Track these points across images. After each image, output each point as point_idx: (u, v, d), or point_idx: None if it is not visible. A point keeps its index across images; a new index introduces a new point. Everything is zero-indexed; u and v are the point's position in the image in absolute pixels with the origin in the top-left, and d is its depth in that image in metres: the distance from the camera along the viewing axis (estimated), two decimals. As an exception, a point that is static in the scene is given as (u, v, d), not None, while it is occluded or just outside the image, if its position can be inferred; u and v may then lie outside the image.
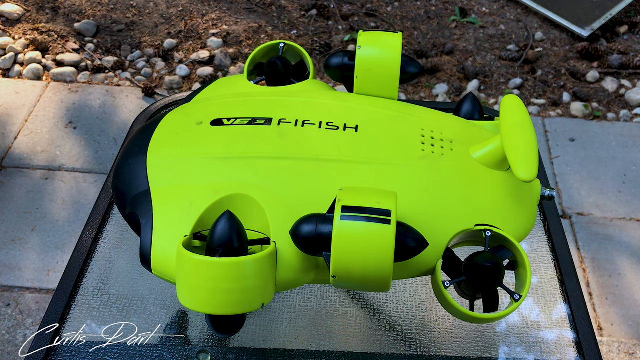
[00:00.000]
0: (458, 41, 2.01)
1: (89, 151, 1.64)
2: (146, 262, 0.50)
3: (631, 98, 1.83)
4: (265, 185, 0.51)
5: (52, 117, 1.73)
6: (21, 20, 2.02)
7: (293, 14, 2.09)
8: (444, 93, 1.82)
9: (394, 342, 0.58)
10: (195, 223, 0.49)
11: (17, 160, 1.61)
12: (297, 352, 0.57)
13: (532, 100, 1.83)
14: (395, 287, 0.63)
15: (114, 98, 1.80)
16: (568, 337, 0.59)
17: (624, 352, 1.28)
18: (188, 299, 0.46)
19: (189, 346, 0.57)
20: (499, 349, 0.58)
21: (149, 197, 0.52)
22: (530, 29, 2.06)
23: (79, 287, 0.62)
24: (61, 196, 1.53)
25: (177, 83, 1.85)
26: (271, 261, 0.47)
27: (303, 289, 0.62)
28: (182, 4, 2.12)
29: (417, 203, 0.51)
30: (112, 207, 0.69)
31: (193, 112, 0.59)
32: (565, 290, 0.62)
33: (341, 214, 0.44)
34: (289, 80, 0.65)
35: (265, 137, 0.54)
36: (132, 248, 0.65)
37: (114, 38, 1.99)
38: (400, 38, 0.60)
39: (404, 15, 2.11)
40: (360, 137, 0.54)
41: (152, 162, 0.54)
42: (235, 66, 1.90)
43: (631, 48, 2.00)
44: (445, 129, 0.57)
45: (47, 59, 1.90)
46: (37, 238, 1.43)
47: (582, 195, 1.58)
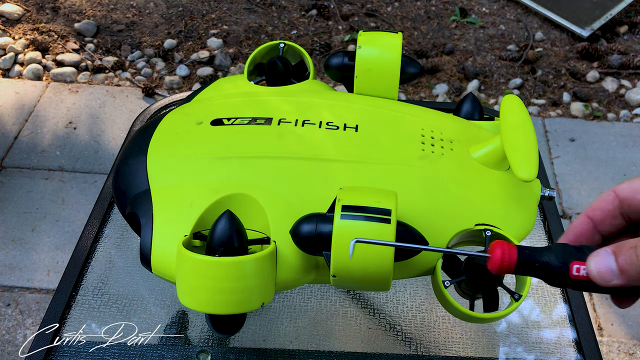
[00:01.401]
0: (458, 41, 2.01)
1: (89, 151, 1.64)
2: (146, 262, 0.50)
3: (631, 98, 1.83)
4: (265, 184, 0.51)
5: (52, 117, 1.73)
6: (21, 20, 2.02)
7: (293, 14, 2.09)
8: (444, 93, 1.82)
9: (394, 342, 0.58)
10: (195, 223, 0.49)
11: (17, 160, 1.61)
12: (297, 352, 0.57)
13: (532, 100, 1.83)
14: (395, 287, 0.63)
15: (114, 98, 1.80)
16: (568, 337, 0.59)
17: (624, 352, 1.28)
18: (188, 299, 0.46)
19: (189, 346, 0.57)
20: (499, 349, 0.58)
21: (149, 197, 0.52)
22: (530, 29, 2.06)
23: (79, 287, 0.62)
24: (61, 196, 1.53)
25: (177, 83, 1.85)
26: (271, 261, 0.47)
27: (303, 289, 0.62)
28: (182, 4, 2.12)
29: (417, 202, 0.51)
30: (112, 207, 0.69)
31: (193, 112, 0.59)
32: (565, 290, 0.62)
33: (341, 214, 0.44)
34: (289, 80, 0.65)
35: (265, 136, 0.54)
36: (132, 248, 0.65)
37: (114, 38, 1.99)
38: (400, 38, 0.60)
39: (404, 15, 2.11)
40: (360, 136, 0.55)
41: (152, 162, 0.54)
42: (235, 66, 1.91)
43: (631, 48, 2.00)
44: (445, 129, 0.57)
45: (47, 59, 1.90)
46: (37, 238, 1.43)
47: (582, 195, 1.58)
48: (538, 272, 0.32)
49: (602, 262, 0.30)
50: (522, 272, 0.33)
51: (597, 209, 0.35)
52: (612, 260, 0.30)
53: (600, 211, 0.34)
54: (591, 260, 0.31)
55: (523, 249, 0.33)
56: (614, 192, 0.34)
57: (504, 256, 0.32)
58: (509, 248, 0.33)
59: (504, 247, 0.33)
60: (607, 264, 0.30)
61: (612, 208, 0.34)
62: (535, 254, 0.32)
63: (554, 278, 0.32)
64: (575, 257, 0.32)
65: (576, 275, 0.31)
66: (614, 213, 0.34)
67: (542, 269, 0.32)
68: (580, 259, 0.32)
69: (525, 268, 0.32)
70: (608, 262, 0.30)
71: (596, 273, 0.31)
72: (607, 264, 0.30)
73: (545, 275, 0.32)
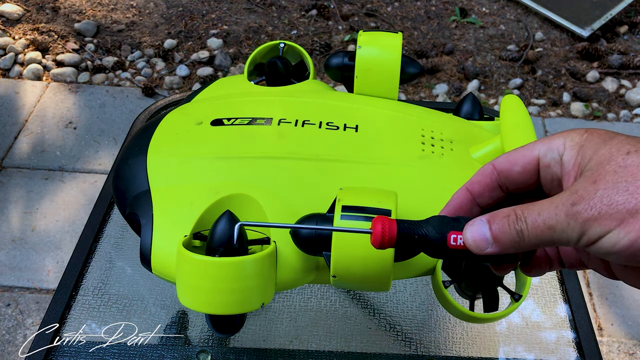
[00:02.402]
0: (458, 41, 2.01)
1: (89, 151, 1.64)
2: (146, 262, 0.50)
3: (631, 98, 1.83)
4: (265, 185, 0.51)
5: (52, 117, 1.73)
6: (21, 20, 2.02)
7: (293, 14, 2.09)
8: (444, 93, 1.82)
9: (394, 342, 0.58)
10: (195, 223, 0.49)
11: (17, 160, 1.61)
12: (297, 352, 0.57)
13: (532, 100, 1.83)
14: (395, 287, 0.63)
15: (114, 98, 1.80)
16: (568, 337, 0.59)
17: (624, 352, 1.28)
18: (188, 299, 0.46)
19: (189, 346, 0.57)
20: (499, 349, 0.58)
21: (149, 197, 0.52)
22: (530, 29, 2.06)
23: (79, 287, 0.62)
24: (61, 196, 1.53)
25: (177, 83, 1.85)
26: (271, 261, 0.47)
27: (303, 289, 0.62)
28: (182, 4, 2.12)
29: (417, 203, 0.51)
30: (112, 207, 0.69)
31: (193, 112, 0.59)
32: (565, 290, 0.62)
33: (341, 214, 0.44)
34: (289, 80, 0.65)
35: (265, 137, 0.54)
36: (132, 248, 0.65)
37: (114, 38, 1.99)
38: (400, 38, 0.60)
39: (404, 15, 2.11)
40: (360, 137, 0.55)
41: (152, 162, 0.54)
42: (235, 66, 1.91)
43: (631, 48, 2.00)
44: (445, 129, 0.57)
45: (47, 59, 1.90)
46: (37, 238, 1.43)
47: (582, 195, 1.57)
48: (418, 244, 0.33)
49: (477, 231, 0.31)
50: (403, 245, 0.34)
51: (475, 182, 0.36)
52: (486, 228, 0.31)
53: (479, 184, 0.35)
54: (467, 229, 0.32)
55: (403, 222, 0.34)
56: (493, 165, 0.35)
57: (384, 230, 0.33)
58: (389, 222, 0.33)
59: (384, 221, 0.33)
60: (482, 232, 0.31)
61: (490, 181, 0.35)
62: (414, 226, 0.33)
63: (433, 249, 0.33)
64: (453, 227, 0.33)
65: (454, 245, 0.32)
66: (492, 185, 0.35)
67: (422, 241, 0.33)
68: (458, 229, 0.32)
69: (405, 241, 0.33)
70: (483, 230, 0.31)
71: (472, 241, 0.31)
72: (481, 232, 0.31)
73: (425, 246, 0.33)
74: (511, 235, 0.30)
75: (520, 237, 0.30)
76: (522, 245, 0.30)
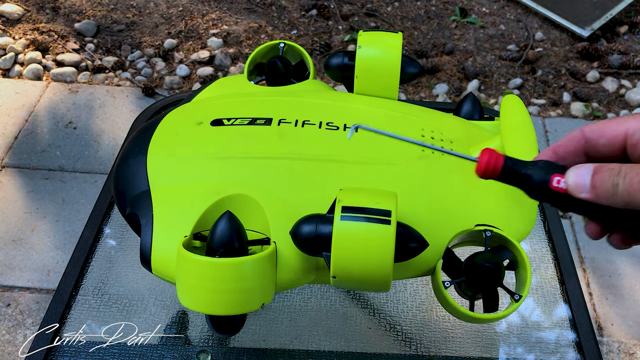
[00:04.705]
0: (458, 41, 2.01)
1: (89, 151, 1.64)
2: (146, 262, 0.50)
3: (631, 98, 1.83)
4: (265, 185, 0.51)
5: (52, 117, 1.73)
6: (21, 20, 2.02)
7: (293, 14, 2.09)
8: (444, 93, 1.82)
9: (394, 342, 0.58)
10: (195, 223, 0.49)
11: (17, 160, 1.61)
12: (297, 352, 0.57)
13: (532, 100, 1.83)
14: (395, 287, 0.63)
15: (114, 98, 1.80)
16: (568, 337, 0.59)
17: (624, 352, 1.28)
18: (188, 299, 0.46)
19: (189, 346, 0.57)
20: (499, 349, 0.58)
21: (149, 197, 0.52)
22: (530, 29, 2.06)
23: (79, 287, 0.62)
24: (61, 196, 1.53)
25: (177, 83, 1.85)
26: (271, 261, 0.47)
27: (303, 289, 0.62)
28: (182, 4, 2.12)
29: (417, 203, 0.51)
30: (112, 207, 0.69)
31: (193, 112, 0.59)
32: (565, 290, 0.62)
33: (341, 214, 0.44)
34: (289, 80, 0.65)
35: (266, 137, 0.54)
36: (132, 248, 0.65)
37: (114, 38, 1.99)
38: (400, 38, 0.60)
39: (404, 15, 2.11)
40: (360, 137, 0.55)
41: (152, 162, 0.54)
42: (235, 66, 1.90)
43: (631, 48, 2.00)
44: (445, 129, 0.57)
45: (47, 59, 1.90)
46: (37, 238, 1.43)
47: (582, 195, 1.57)
48: (520, 181, 0.34)
49: (581, 174, 0.32)
50: (505, 179, 0.35)
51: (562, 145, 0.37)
52: (589, 174, 0.32)
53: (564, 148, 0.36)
54: (572, 170, 0.33)
55: (510, 158, 0.35)
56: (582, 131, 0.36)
57: (489, 160, 0.34)
58: (496, 155, 0.34)
59: (491, 153, 0.34)
60: (584, 176, 0.32)
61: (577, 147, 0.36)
62: (520, 165, 0.34)
63: (531, 189, 0.34)
64: (558, 170, 0.34)
65: (555, 187, 0.33)
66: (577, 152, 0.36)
67: (523, 179, 0.34)
68: (562, 173, 0.33)
69: (508, 176, 0.34)
70: (585, 175, 0.32)
71: (572, 182, 0.33)
72: (583, 176, 0.32)
73: (525, 185, 0.34)
74: (606, 186, 0.31)
75: (615, 191, 0.31)
76: (615, 200, 0.31)
